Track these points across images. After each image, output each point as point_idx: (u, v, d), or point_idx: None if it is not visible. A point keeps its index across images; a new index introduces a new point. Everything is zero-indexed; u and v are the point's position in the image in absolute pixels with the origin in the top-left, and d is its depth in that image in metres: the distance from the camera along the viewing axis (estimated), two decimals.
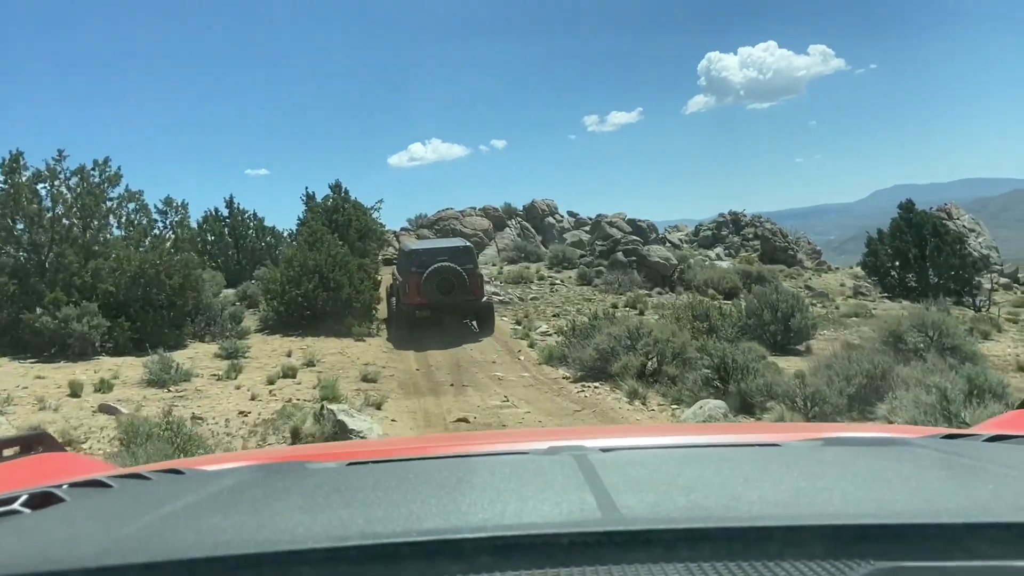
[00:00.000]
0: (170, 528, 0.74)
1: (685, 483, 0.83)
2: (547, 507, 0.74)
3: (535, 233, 36.05)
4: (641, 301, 19.18)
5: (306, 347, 13.24)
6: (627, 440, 1.47)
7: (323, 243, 15.52)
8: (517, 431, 6.21)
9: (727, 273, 22.13)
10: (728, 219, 39.52)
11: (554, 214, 37.26)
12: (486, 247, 33.95)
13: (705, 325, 13.21)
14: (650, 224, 27.63)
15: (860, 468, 0.94)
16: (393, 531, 0.67)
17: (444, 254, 14.30)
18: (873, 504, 0.74)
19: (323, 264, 14.74)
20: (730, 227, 38.89)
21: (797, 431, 1.48)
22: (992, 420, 1.67)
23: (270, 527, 0.71)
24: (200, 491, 0.92)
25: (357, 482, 0.94)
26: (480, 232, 34.24)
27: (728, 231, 38.62)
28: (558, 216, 37.37)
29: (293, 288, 14.50)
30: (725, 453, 1.12)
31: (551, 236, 35.69)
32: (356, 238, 19.81)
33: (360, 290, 14.86)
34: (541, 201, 37.48)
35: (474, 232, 34.20)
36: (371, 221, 20.80)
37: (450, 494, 0.82)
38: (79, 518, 0.86)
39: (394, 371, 11.77)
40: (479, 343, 14.31)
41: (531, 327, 15.61)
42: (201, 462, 1.33)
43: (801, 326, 13.74)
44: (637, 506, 0.73)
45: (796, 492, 0.79)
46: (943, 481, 0.89)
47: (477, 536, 0.65)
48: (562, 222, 37.05)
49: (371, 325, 14.99)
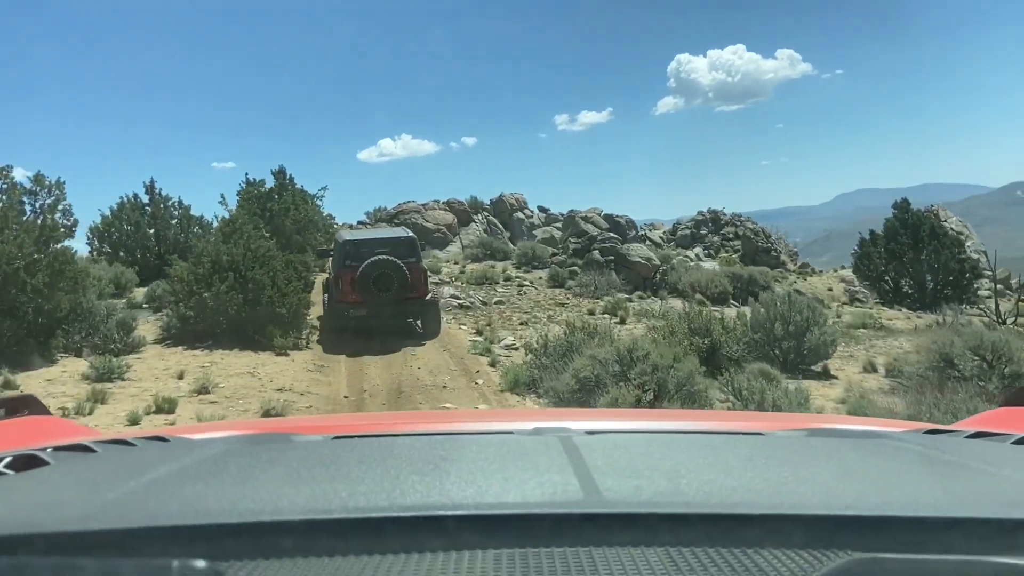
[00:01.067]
0: (153, 495, 0.74)
1: (668, 468, 0.82)
2: (530, 487, 0.74)
3: (503, 229, 33.51)
4: (622, 307, 16.74)
5: (209, 364, 10.53)
6: (612, 423, 1.46)
7: (241, 234, 12.84)
8: (504, 411, 5.70)
9: (715, 276, 19.81)
10: (707, 217, 37.39)
11: (523, 209, 34.74)
12: (450, 243, 31.38)
13: (706, 342, 10.78)
14: (629, 220, 25.26)
15: (842, 460, 0.94)
16: (376, 505, 0.67)
17: (383, 246, 12.60)
18: (853, 496, 0.74)
19: (239, 260, 12.02)
20: (709, 226, 36.78)
21: (782, 421, 1.56)
22: (975, 417, 1.65)
23: (253, 497, 0.71)
24: (184, 459, 0.92)
25: (342, 456, 0.94)
26: (443, 227, 31.65)
27: (708, 230, 36.49)
28: (528, 211, 34.86)
29: (203, 289, 11.77)
30: (710, 440, 1.12)
31: (520, 232, 33.19)
32: (294, 230, 17.06)
33: (286, 292, 12.17)
34: (510, 195, 34.93)
35: (437, 227, 31.60)
36: (313, 211, 18.02)
37: (434, 471, 0.81)
38: (62, 482, 0.85)
39: (314, 400, 9.14)
40: (429, 357, 11.73)
41: (494, 338, 13.06)
42: (186, 430, 1.30)
43: (819, 343, 11.38)
44: (619, 489, 0.73)
45: (778, 481, 0.79)
46: (923, 476, 0.89)
47: (459, 513, 0.65)
48: (532, 218, 34.54)
49: (300, 334, 12.32)
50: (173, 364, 10.48)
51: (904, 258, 25.11)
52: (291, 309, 12.10)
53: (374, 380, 10.42)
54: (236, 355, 11.26)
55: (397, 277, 12.12)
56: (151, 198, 18.71)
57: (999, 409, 1.67)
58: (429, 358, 11.74)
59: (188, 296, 11.89)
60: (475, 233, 31.54)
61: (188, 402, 8.48)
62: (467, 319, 15.10)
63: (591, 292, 18.90)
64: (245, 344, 11.74)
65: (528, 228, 33.39)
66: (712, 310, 13.11)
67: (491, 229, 32.83)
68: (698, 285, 19.22)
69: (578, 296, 18.73)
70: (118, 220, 18.31)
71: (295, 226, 17.03)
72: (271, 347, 11.56)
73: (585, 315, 16.44)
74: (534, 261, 22.49)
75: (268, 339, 11.62)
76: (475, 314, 15.71)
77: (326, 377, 10.65)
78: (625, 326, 15.43)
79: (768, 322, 11.52)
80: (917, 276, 25.27)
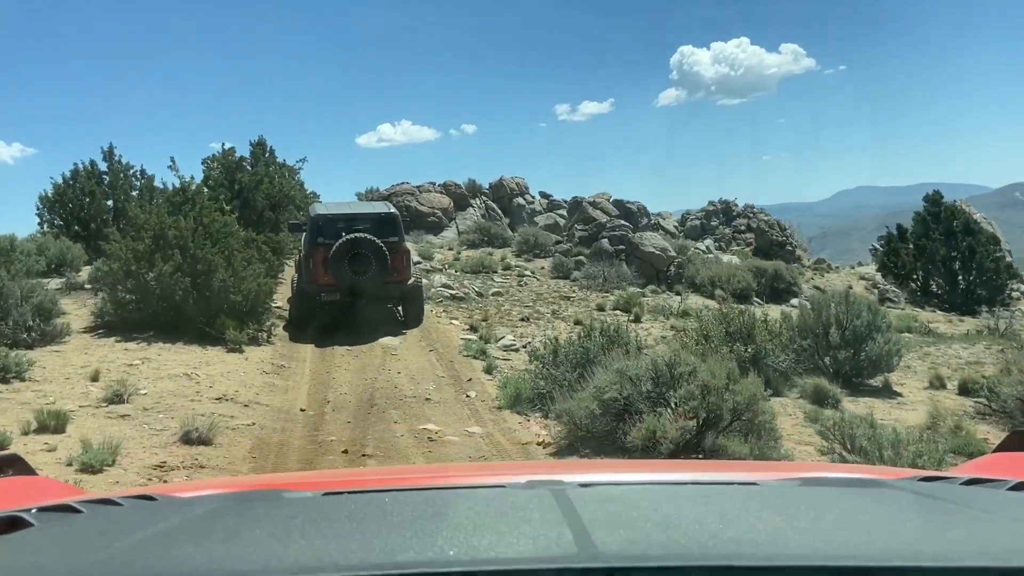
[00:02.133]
0: (140, 556, 0.73)
1: (663, 520, 0.82)
2: (523, 542, 0.73)
3: (502, 215, 31.49)
4: (636, 302, 14.78)
5: (140, 362, 8.57)
6: (606, 475, 1.44)
7: (193, 205, 10.87)
8: (496, 464, 5.07)
9: (737, 270, 17.85)
10: (718, 208, 35.39)
11: (524, 194, 32.62)
12: (445, 228, 29.39)
13: (749, 350, 8.83)
14: (641, 207, 23.26)
15: (838, 509, 0.94)
16: (368, 563, 0.66)
17: (361, 222, 11.16)
18: (851, 545, 0.74)
19: (188, 236, 10.04)
20: (720, 217, 34.76)
21: (776, 470, 1.50)
22: (970, 463, 1.64)
23: (242, 557, 0.70)
24: (171, 518, 0.92)
25: (333, 512, 0.93)
26: (439, 211, 29.62)
27: (718, 221, 34.47)
28: (529, 197, 32.74)
29: (143, 268, 9.79)
30: (704, 491, 1.12)
31: (520, 219, 31.13)
32: (266, 206, 15.02)
33: (243, 275, 10.19)
34: (510, 179, 32.83)
35: (432, 210, 29.58)
36: (289, 185, 15.95)
37: (426, 527, 0.81)
38: (47, 544, 0.85)
39: (260, 415, 7.17)
40: (412, 358, 9.79)
41: (490, 337, 11.11)
42: (174, 489, 1.29)
43: (880, 353, 9.45)
44: (614, 542, 0.73)
45: (774, 532, 0.78)
46: (920, 524, 0.89)
47: (452, 570, 0.65)
48: (533, 203, 32.42)
49: (260, 326, 10.35)
50: (95, 360, 8.51)
51: (936, 255, 23.18)
52: (249, 296, 10.12)
53: (342, 387, 8.46)
54: (178, 350, 9.29)
55: (376, 258, 10.64)
56: (110, 166, 16.65)
57: (993, 455, 1.63)
58: (412, 359, 9.79)
59: (126, 277, 9.91)
60: (472, 218, 29.56)
61: (91, 415, 6.53)
62: (460, 312, 13.13)
63: (599, 285, 16.96)
64: (193, 337, 9.77)
65: (529, 214, 31.34)
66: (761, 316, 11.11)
67: (490, 214, 30.83)
68: (719, 280, 17.27)
69: (585, 289, 16.79)
70: (71, 189, 16.29)
71: (268, 202, 14.99)
72: (223, 341, 9.60)
73: (594, 311, 14.51)
74: (536, 249, 20.50)
75: (219, 332, 9.66)
76: (469, 307, 13.75)
77: (284, 381, 8.69)
78: (640, 325, 13.50)
79: (820, 326, 9.59)
80: (948, 275, 23.36)
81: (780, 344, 9.37)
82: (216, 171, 15.03)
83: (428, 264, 17.92)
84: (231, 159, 14.96)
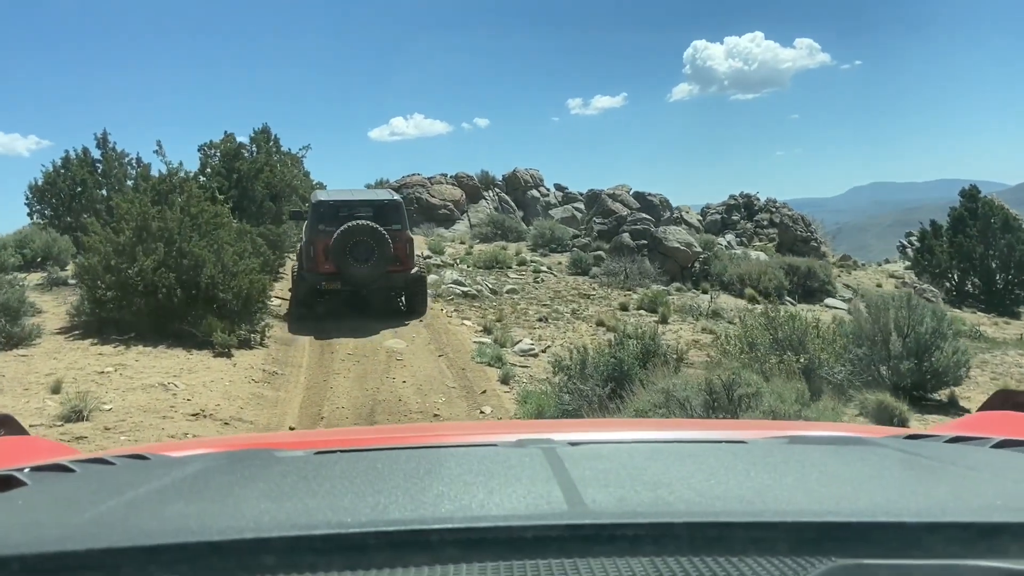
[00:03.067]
0: (133, 514, 0.73)
1: (651, 478, 0.82)
2: (513, 499, 0.73)
3: (516, 208, 30.47)
4: (661, 301, 13.73)
5: (114, 369, 7.61)
6: (595, 434, 1.45)
7: (181, 193, 9.91)
8: (486, 423, 5.02)
9: (768, 267, 16.74)
10: (740, 202, 34.17)
11: (539, 186, 31.56)
12: (457, 221, 28.42)
13: (801, 360, 7.77)
14: (663, 199, 22.15)
15: (823, 466, 0.93)
16: (359, 521, 0.66)
17: (364, 209, 10.89)
18: (835, 502, 0.74)
19: (174, 227, 9.07)
20: (742, 211, 33.55)
21: (763, 428, 1.50)
22: (954, 422, 1.64)
23: (235, 514, 0.70)
24: (164, 477, 0.91)
25: (324, 471, 0.92)
26: (450, 203, 28.66)
27: (740, 216, 33.27)
28: (544, 189, 31.67)
29: (124, 263, 8.84)
30: (692, 449, 1.12)
31: (534, 212, 30.09)
32: (266, 196, 14.02)
33: (235, 272, 9.21)
34: (524, 171, 31.75)
35: (443, 203, 28.63)
36: (292, 174, 14.93)
37: (417, 485, 0.81)
38: (40, 502, 0.84)
39: (242, 434, 6.19)
40: (419, 364, 8.80)
41: (506, 340, 10.09)
42: (166, 448, 1.27)
43: (948, 364, 8.36)
44: (603, 500, 0.73)
45: (761, 489, 0.78)
46: (904, 481, 0.90)
47: (442, 527, 0.65)
48: (548, 196, 31.36)
49: (253, 328, 9.38)
50: (63, 367, 7.56)
51: (974, 253, 21.96)
52: (240, 294, 9.15)
53: (339, 399, 7.48)
54: (158, 355, 8.34)
55: (378, 246, 10.33)
56: (103, 153, 15.75)
57: (978, 413, 1.63)
58: (419, 366, 8.79)
59: (105, 272, 8.96)
60: (485, 211, 28.54)
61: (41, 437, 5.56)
62: (472, 312, 12.13)
63: (620, 282, 15.92)
64: (177, 339, 8.82)
65: (544, 207, 30.30)
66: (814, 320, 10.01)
67: (503, 207, 29.82)
68: (748, 277, 16.18)
69: (605, 286, 15.75)
70: (62, 178, 15.36)
71: (268, 192, 13.98)
72: (211, 344, 8.64)
73: (616, 310, 13.48)
74: (553, 243, 19.44)
75: (205, 334, 8.70)
76: (482, 305, 12.74)
77: (274, 391, 7.72)
78: (668, 326, 12.46)
79: (878, 333, 8.51)
80: (985, 273, 22.15)
81: (834, 353, 8.31)
82: (214, 159, 14.04)
83: (439, 259, 16.93)
84: (230, 146, 13.96)
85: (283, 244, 14.29)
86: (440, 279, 14.13)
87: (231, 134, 14.33)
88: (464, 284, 13.82)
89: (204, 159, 14.16)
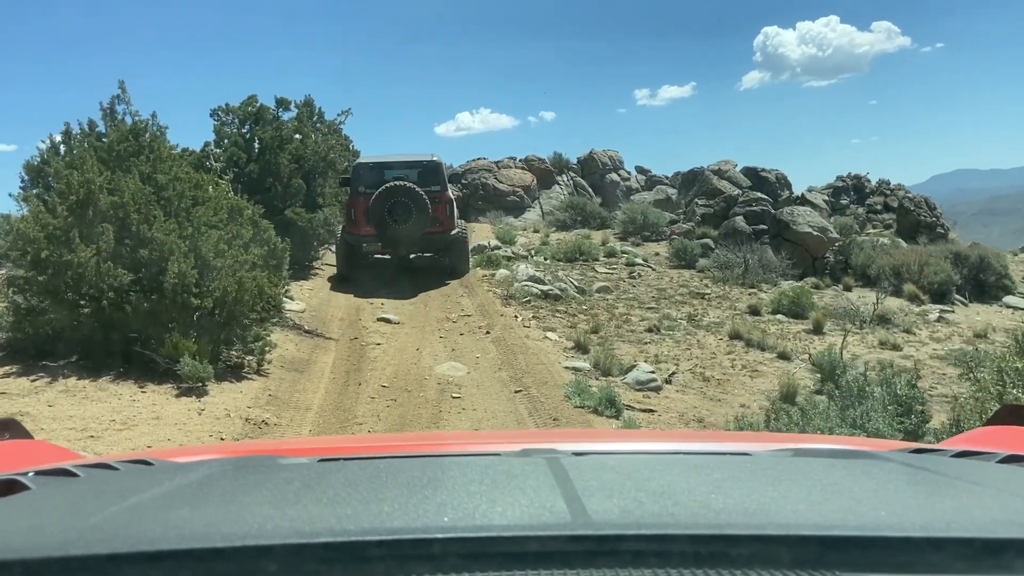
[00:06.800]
0: (136, 519, 0.73)
1: (656, 489, 0.80)
2: (517, 509, 0.73)
3: (592, 193, 27.19)
4: (807, 303, 10.32)
5: (21, 416, 4.76)
6: (600, 445, 1.43)
7: (150, 154, 7.11)
8: (491, 433, 4.38)
9: (928, 257, 13.05)
10: (848, 184, 30.04)
11: (619, 169, 28.18)
12: (528, 209, 25.36)
13: None
14: (780, 175, 18.54)
15: (828, 479, 0.91)
16: (361, 528, 0.66)
17: (403, 170, 10.97)
18: (840, 515, 0.74)
19: (130, 204, 6.24)
20: (851, 194, 29.42)
21: (767, 441, 1.51)
22: (960, 436, 1.59)
23: (238, 521, 0.70)
24: (168, 483, 0.90)
25: (328, 478, 0.90)
26: (520, 189, 25.61)
27: (849, 199, 29.14)
28: (624, 172, 28.27)
29: (61, 252, 6.06)
30: (697, 460, 1.11)
31: (614, 197, 26.77)
32: (293, 172, 11.18)
33: (217, 267, 6.32)
34: (602, 152, 28.43)
35: (512, 188, 25.59)
36: (327, 146, 12.00)
37: (420, 493, 0.80)
38: (44, 507, 0.83)
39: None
40: (484, 403, 5.74)
41: (611, 364, 6.92)
42: (171, 453, 1.24)
43: None
44: (607, 511, 0.73)
45: (765, 501, 0.78)
46: (909, 495, 0.88)
47: (445, 536, 0.65)
48: (629, 180, 27.95)
49: (246, 347, 6.49)
50: None
51: None
52: (225, 299, 6.24)
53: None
54: (92, 393, 5.49)
55: (416, 206, 10.29)
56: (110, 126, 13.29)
57: (983, 428, 1.59)
58: (486, 409, 5.71)
59: (32, 268, 6.19)
60: (559, 197, 25.37)
61: None
62: (557, 320, 9.00)
63: (737, 277, 12.55)
64: (132, 366, 6.00)
65: (624, 192, 26.95)
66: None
67: (578, 193, 26.60)
68: (907, 270, 12.55)
69: (719, 282, 12.40)
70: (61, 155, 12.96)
71: (295, 167, 11.13)
72: (171, 376, 5.77)
73: (746, 315, 10.15)
74: (645, 230, 16.13)
75: (169, 358, 5.83)
76: (569, 309, 9.60)
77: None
78: (823, 337, 9.10)
79: None
80: None
81: None
82: (231, 126, 11.31)
83: (509, 249, 13.85)
84: (250, 109, 11.18)
85: (317, 234, 11.44)
86: (512, 275, 11.06)
87: (254, 96, 11.52)
88: (543, 282, 10.69)
89: (219, 127, 11.39)
